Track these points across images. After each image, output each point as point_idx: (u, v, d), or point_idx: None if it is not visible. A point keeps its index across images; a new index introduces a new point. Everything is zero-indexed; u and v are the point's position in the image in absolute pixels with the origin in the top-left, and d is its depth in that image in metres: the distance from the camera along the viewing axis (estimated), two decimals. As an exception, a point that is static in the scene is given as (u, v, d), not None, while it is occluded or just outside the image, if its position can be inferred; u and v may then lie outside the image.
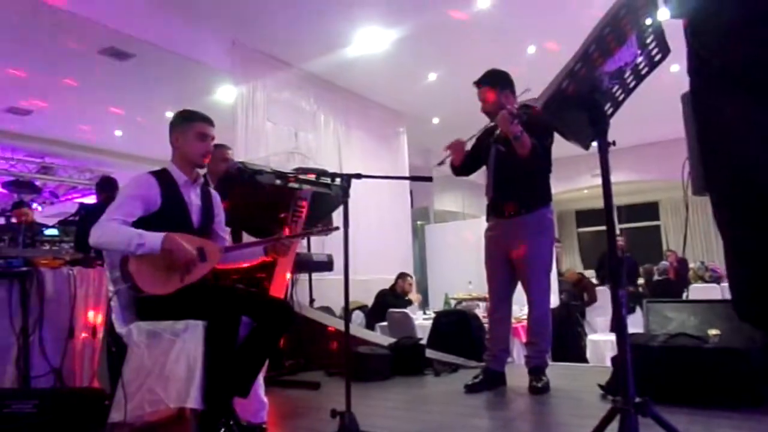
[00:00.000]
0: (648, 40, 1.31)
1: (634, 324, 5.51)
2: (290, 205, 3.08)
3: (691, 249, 11.62)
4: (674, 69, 5.13)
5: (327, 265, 3.73)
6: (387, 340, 4.14)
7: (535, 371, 2.96)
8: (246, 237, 3.24)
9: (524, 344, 3.14)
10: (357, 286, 5.94)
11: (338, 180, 2.15)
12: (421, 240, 9.37)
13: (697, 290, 7.71)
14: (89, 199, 8.84)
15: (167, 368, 1.91)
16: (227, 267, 2.55)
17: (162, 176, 2.23)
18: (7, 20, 4.81)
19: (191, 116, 2.34)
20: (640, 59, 1.36)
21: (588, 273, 8.61)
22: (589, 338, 5.38)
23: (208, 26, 5.29)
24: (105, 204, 4.92)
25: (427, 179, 2.29)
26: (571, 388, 3.05)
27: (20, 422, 2.36)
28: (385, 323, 5.68)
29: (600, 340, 5.21)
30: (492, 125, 3.12)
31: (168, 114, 7.34)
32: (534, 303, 3.02)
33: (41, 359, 2.78)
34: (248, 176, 2.48)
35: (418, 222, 9.70)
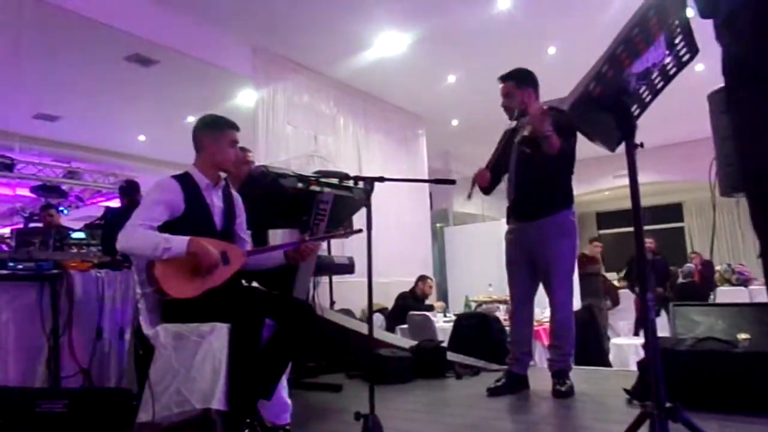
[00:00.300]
0: (676, 40, 1.30)
1: (660, 328, 5.42)
2: (312, 208, 3.09)
3: (717, 251, 11.39)
4: (699, 68, 5.05)
5: (348, 268, 3.74)
6: (408, 343, 4.14)
7: (559, 375, 2.93)
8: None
9: (547, 347, 3.12)
10: (376, 289, 5.85)
11: (361, 183, 2.16)
12: (441, 242, 9.34)
13: (724, 293, 7.55)
14: (113, 203, 8.99)
15: (193, 370, 1.94)
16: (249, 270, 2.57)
17: (185, 180, 2.26)
18: (36, 29, 4.94)
19: (224, 124, 2.37)
20: (668, 60, 1.35)
21: (609, 276, 8.48)
22: (612, 342, 5.30)
23: (230, 32, 5.37)
24: (129, 207, 5.05)
25: (450, 182, 2.27)
26: (595, 392, 3.01)
27: (51, 421, 2.42)
28: (406, 326, 5.68)
29: (624, 344, 5.13)
30: (512, 127, 3.10)
31: (190, 119, 7.53)
32: (557, 306, 2.99)
33: (70, 360, 2.85)
34: (271, 179, 2.51)
35: (437, 224, 9.68)
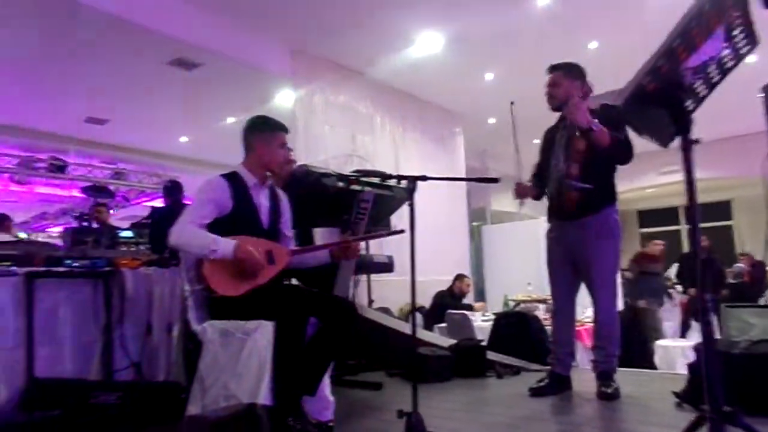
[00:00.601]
0: (735, 32, 1.25)
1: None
2: (352, 207, 3.12)
3: (768, 250, 10.89)
4: (752, 60, 4.85)
5: (388, 267, 3.75)
6: (447, 342, 4.12)
7: (604, 376, 2.86)
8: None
9: (591, 348, 3.05)
10: (414, 288, 5.93)
11: (403, 182, 2.16)
12: (478, 241, 9.27)
13: (776, 295, 7.22)
14: (156, 203, 9.29)
15: (239, 365, 1.99)
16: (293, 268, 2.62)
17: (233, 179, 2.32)
18: (85, 36, 5.14)
19: (274, 126, 2.43)
20: (726, 52, 1.30)
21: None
22: (658, 343, 5.15)
23: (269, 33, 5.46)
24: (173, 207, 5.21)
25: (493, 180, 2.25)
26: (641, 395, 2.93)
27: (106, 413, 2.52)
28: (444, 324, 5.67)
29: (669, 346, 4.97)
30: (554, 125, 3.05)
31: (230, 120, 7.70)
32: (601, 306, 2.92)
33: (122, 354, 2.95)
34: (314, 178, 2.54)
35: (474, 223, 9.60)
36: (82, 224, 4.69)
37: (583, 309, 4.06)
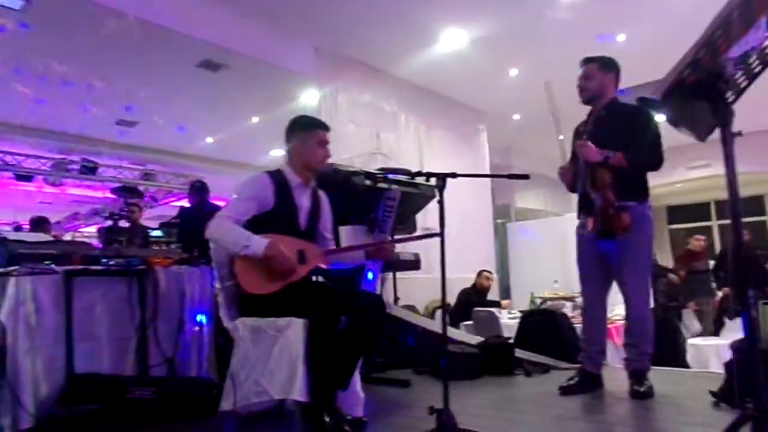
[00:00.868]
0: (778, 22, 1.22)
1: (735, 330, 5.09)
2: (379, 205, 3.13)
3: (804, 246, 10.56)
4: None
5: (414, 264, 3.76)
6: (474, 339, 4.11)
7: (636, 375, 2.82)
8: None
9: (622, 346, 3.00)
10: (437, 285, 5.92)
11: (433, 180, 2.16)
12: (503, 238, 9.20)
13: (813, 292, 6.97)
14: (183, 202, 9.46)
15: (271, 362, 2.02)
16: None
17: (277, 178, 2.34)
18: (116, 41, 5.25)
19: (312, 124, 2.45)
20: (768, 42, 1.27)
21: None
22: (690, 342, 5.04)
23: (293, 33, 5.49)
24: (200, 207, 5.29)
25: (524, 177, 2.23)
26: (675, 394, 2.88)
27: (142, 407, 2.58)
28: (470, 322, 5.65)
29: (702, 345, 4.87)
30: (585, 120, 3.01)
31: (254, 120, 7.77)
32: (633, 304, 2.87)
33: (156, 350, 3.01)
34: (343, 177, 2.56)
35: (499, 220, 9.53)
36: (116, 224, 4.80)
37: (612, 306, 4.00)
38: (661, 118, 2.57)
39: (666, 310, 5.35)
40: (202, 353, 3.23)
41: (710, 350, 4.69)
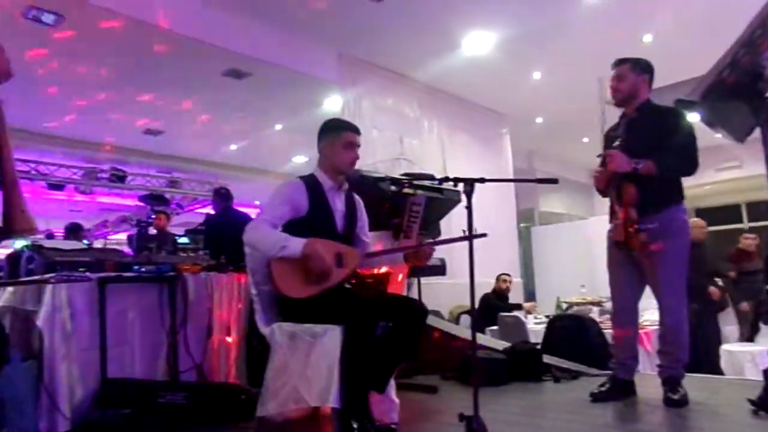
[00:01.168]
0: (821, 20, 1.19)
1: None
2: (405, 211, 3.13)
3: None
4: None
5: (440, 269, 3.74)
6: (501, 345, 4.06)
7: (670, 382, 2.74)
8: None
9: (656, 353, 2.93)
10: (462, 290, 5.88)
11: (458, 185, 2.15)
12: (527, 242, 9.12)
13: None
14: (208, 209, 9.59)
15: (308, 369, 2.02)
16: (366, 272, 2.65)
17: (310, 182, 2.35)
18: (144, 53, 5.38)
19: (342, 125, 2.45)
20: (810, 41, 1.24)
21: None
22: (723, 348, 4.90)
23: (317, 39, 5.55)
24: (224, 213, 5.36)
25: (552, 181, 2.20)
26: (711, 402, 2.81)
27: (173, 412, 2.62)
28: (495, 327, 5.60)
29: (737, 351, 4.72)
30: (616, 123, 2.96)
31: (278, 127, 7.85)
32: (668, 309, 2.80)
33: (186, 355, 3.05)
34: (370, 183, 2.57)
35: (522, 224, 9.45)
36: (146, 231, 4.90)
37: (642, 312, 3.92)
38: (695, 118, 2.52)
39: (699, 314, 5.20)
40: (229, 359, 3.27)
41: (745, 356, 4.55)
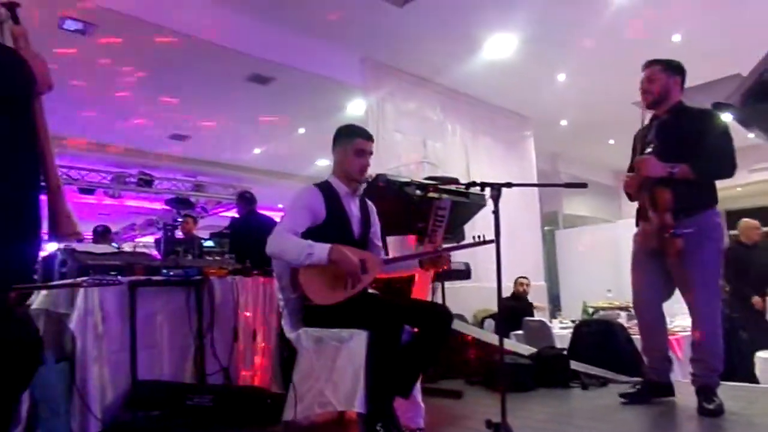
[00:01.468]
0: None
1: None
2: (430, 215, 3.12)
3: None
4: None
5: (465, 274, 3.73)
6: (527, 350, 4.01)
7: (705, 391, 2.66)
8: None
9: (689, 362, 2.85)
10: (486, 294, 5.85)
11: (483, 189, 2.14)
12: (550, 246, 9.01)
13: None
14: (232, 212, 9.71)
15: (334, 373, 2.03)
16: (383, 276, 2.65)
17: (325, 188, 2.37)
18: (169, 59, 5.48)
19: (353, 131, 2.45)
20: None
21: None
22: (758, 355, 4.75)
23: (340, 44, 5.56)
24: (248, 217, 5.41)
25: (581, 186, 2.17)
26: (747, 412, 2.71)
27: (200, 414, 2.65)
28: (520, 331, 5.53)
29: (773, 358, 4.57)
30: (645, 126, 2.90)
31: (301, 131, 7.91)
32: (702, 316, 2.72)
33: (212, 359, 3.09)
34: (397, 188, 2.57)
35: (546, 227, 9.34)
36: (173, 234, 4.97)
37: (671, 318, 3.83)
38: (727, 118, 2.45)
39: (732, 321, 5.05)
40: (255, 362, 3.29)
41: (781, 364, 4.40)
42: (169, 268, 3.08)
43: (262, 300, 3.43)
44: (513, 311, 5.89)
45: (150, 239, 10.28)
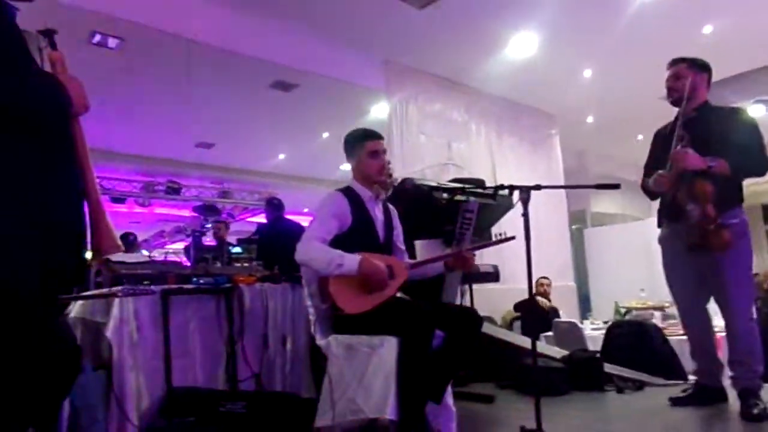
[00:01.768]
0: None
1: None
2: (457, 218, 3.09)
3: None
4: None
5: (493, 276, 3.68)
6: (559, 353, 3.95)
7: (747, 394, 2.58)
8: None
9: (728, 363, 2.76)
10: (514, 295, 5.78)
11: (516, 192, 2.11)
12: (578, 244, 8.85)
13: None
14: (258, 218, 9.82)
15: (366, 380, 2.02)
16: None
17: (350, 194, 2.37)
18: (194, 69, 5.55)
19: (361, 136, 2.45)
20: None
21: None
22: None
23: (362, 47, 5.56)
24: (275, 223, 5.45)
25: (614, 186, 2.11)
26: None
27: (234, 421, 2.67)
28: (550, 333, 5.45)
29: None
30: (667, 125, 2.84)
31: (325, 135, 7.95)
32: (737, 316, 2.65)
33: (244, 365, 3.11)
34: (425, 192, 2.55)
35: (574, 226, 9.19)
36: (201, 241, 5.06)
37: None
38: (760, 112, 2.38)
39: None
40: (285, 368, 3.31)
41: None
42: (199, 277, 3.12)
43: (291, 306, 3.45)
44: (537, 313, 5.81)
45: (179, 246, 10.46)
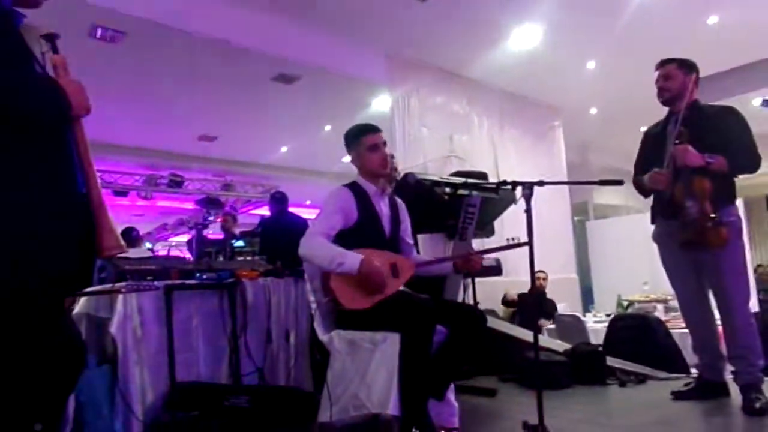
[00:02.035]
0: None
1: None
2: (460, 213, 3.09)
3: None
4: None
5: (496, 270, 3.68)
6: (561, 346, 3.95)
7: (749, 388, 2.59)
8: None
9: (728, 359, 2.77)
10: (517, 288, 5.78)
11: (519, 188, 2.10)
12: (581, 237, 8.83)
13: None
14: (260, 211, 9.82)
15: (368, 376, 2.03)
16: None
17: (355, 189, 2.37)
18: (197, 63, 5.55)
19: (358, 131, 2.44)
20: None
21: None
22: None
23: (364, 41, 5.54)
24: (278, 217, 5.45)
25: (617, 183, 2.10)
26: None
27: (237, 415, 2.69)
28: (552, 326, 5.46)
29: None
30: (657, 123, 2.84)
31: (327, 128, 7.93)
32: (735, 310, 2.66)
33: (247, 360, 3.13)
34: (428, 188, 2.55)
35: (576, 218, 9.17)
36: (203, 234, 5.05)
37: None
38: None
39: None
40: (289, 363, 3.32)
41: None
42: (202, 272, 3.12)
43: (294, 300, 3.46)
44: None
45: (181, 238, 10.48)
